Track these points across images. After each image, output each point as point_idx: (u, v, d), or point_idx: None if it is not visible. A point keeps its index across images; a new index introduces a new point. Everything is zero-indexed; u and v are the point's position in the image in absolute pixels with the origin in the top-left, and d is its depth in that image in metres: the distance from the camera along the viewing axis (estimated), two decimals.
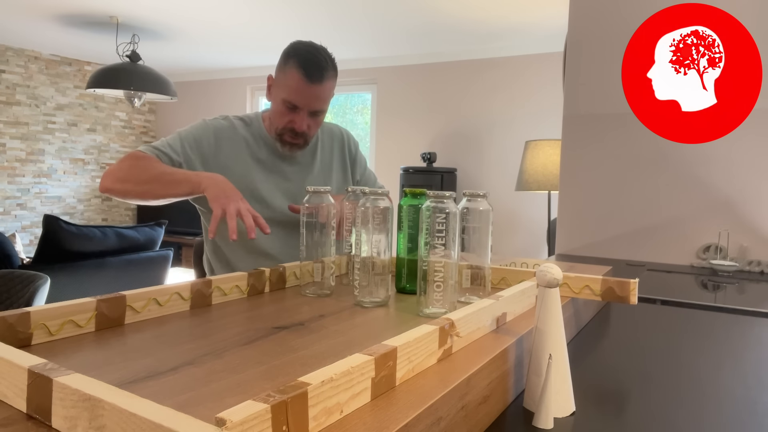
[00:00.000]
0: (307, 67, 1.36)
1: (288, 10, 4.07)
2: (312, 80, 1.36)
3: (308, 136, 1.46)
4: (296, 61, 1.37)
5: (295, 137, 1.44)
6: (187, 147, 1.41)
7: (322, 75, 1.37)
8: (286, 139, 1.44)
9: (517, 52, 4.75)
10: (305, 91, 1.37)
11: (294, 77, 1.37)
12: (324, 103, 1.43)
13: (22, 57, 5.70)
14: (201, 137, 1.44)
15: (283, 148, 1.47)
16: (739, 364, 0.90)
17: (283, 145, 1.46)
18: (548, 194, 3.79)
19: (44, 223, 3.20)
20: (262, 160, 1.48)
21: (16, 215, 5.78)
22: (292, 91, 1.38)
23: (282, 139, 1.45)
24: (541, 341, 0.64)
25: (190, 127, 1.47)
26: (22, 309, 0.66)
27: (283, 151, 1.47)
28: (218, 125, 1.47)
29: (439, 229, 0.81)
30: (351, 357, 0.50)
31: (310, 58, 1.38)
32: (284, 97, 1.39)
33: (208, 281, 0.89)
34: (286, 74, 1.39)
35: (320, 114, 1.45)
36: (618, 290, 0.93)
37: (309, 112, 1.41)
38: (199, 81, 6.60)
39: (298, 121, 1.41)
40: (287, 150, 1.47)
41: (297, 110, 1.40)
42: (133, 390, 0.47)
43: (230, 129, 1.48)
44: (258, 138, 1.50)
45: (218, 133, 1.46)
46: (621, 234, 2.02)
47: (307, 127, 1.42)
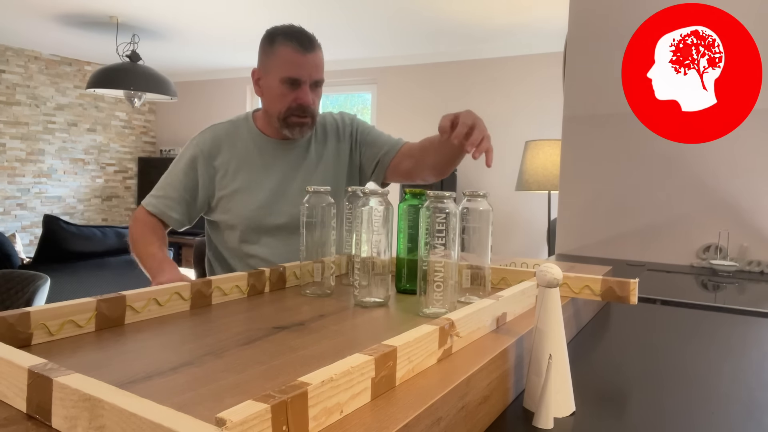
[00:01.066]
0: (297, 38, 1.35)
1: (288, 10, 4.07)
2: (306, 49, 1.35)
3: (315, 113, 1.42)
4: (283, 37, 1.36)
5: (303, 115, 1.39)
6: (182, 190, 1.43)
7: (312, 44, 1.37)
8: (293, 121, 1.40)
9: (517, 52, 4.75)
10: (302, 61, 1.35)
11: (287, 52, 1.35)
12: (321, 72, 1.40)
13: (22, 57, 5.70)
14: (194, 165, 1.44)
15: (292, 132, 1.42)
16: (739, 364, 0.90)
17: (291, 128, 1.41)
18: (548, 194, 3.79)
19: (44, 223, 3.20)
20: (256, 163, 1.46)
21: (16, 215, 5.78)
22: (289, 65, 1.35)
23: (288, 122, 1.40)
24: (541, 341, 0.64)
25: (177, 164, 1.46)
26: (22, 309, 0.66)
27: (292, 134, 1.43)
28: (203, 141, 1.47)
29: (439, 229, 0.81)
30: (351, 357, 0.50)
31: (294, 31, 1.37)
32: (282, 75, 1.36)
33: (208, 281, 0.89)
34: (276, 53, 1.37)
35: (319, 86, 1.41)
36: (618, 290, 0.93)
37: (310, 84, 1.38)
38: (199, 81, 6.60)
39: (302, 96, 1.37)
40: (297, 133, 1.42)
41: (299, 85, 1.37)
42: (133, 390, 0.47)
43: (217, 136, 1.47)
44: (248, 139, 1.47)
45: (213, 144, 1.46)
46: (621, 234, 2.02)
47: (312, 101, 1.39)
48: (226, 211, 1.45)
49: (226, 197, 1.44)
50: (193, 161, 1.45)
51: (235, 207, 1.44)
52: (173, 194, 1.44)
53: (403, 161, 1.50)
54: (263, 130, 1.49)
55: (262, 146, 1.47)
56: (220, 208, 1.46)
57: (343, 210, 1.18)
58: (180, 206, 1.44)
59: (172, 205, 1.43)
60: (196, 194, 1.45)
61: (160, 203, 1.43)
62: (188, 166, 1.45)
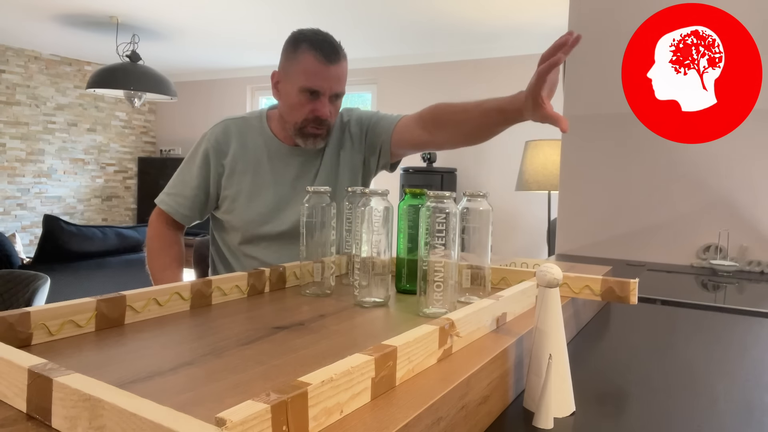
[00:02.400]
0: (322, 48, 1.30)
1: (288, 10, 4.07)
2: (330, 61, 1.30)
3: (330, 125, 1.38)
4: (308, 44, 1.30)
5: (319, 127, 1.35)
6: (197, 188, 1.43)
7: (338, 54, 1.32)
8: (308, 131, 1.36)
9: (517, 52, 4.75)
10: (324, 73, 1.30)
11: (310, 61, 1.30)
12: (343, 85, 1.36)
13: (22, 57, 5.70)
14: (207, 160, 1.43)
15: (306, 142, 1.38)
16: (739, 364, 0.90)
17: (305, 138, 1.37)
18: (548, 194, 3.79)
19: (44, 223, 3.20)
20: (264, 167, 1.43)
21: (16, 215, 5.78)
22: (310, 75, 1.30)
23: (304, 132, 1.36)
24: (541, 341, 0.64)
25: (192, 159, 1.45)
26: (22, 309, 0.66)
27: (306, 144, 1.38)
28: (214, 135, 1.44)
29: (439, 229, 0.81)
30: (351, 357, 0.50)
31: (321, 39, 1.32)
32: (302, 84, 1.31)
33: (208, 281, 0.89)
34: (299, 61, 1.31)
35: (339, 98, 1.37)
36: (618, 290, 0.93)
37: (330, 96, 1.34)
38: (199, 81, 6.60)
39: (320, 108, 1.33)
40: (310, 143, 1.38)
41: (318, 96, 1.32)
42: (133, 390, 0.47)
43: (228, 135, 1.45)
44: (259, 141, 1.43)
45: (224, 140, 1.43)
46: (621, 234, 2.02)
47: (329, 114, 1.35)
48: (228, 211, 1.44)
49: (230, 198, 1.43)
50: (206, 156, 1.42)
51: (238, 209, 1.43)
52: (187, 192, 1.43)
53: (405, 134, 1.42)
54: (276, 133, 1.45)
55: (273, 150, 1.43)
56: (224, 207, 1.45)
57: (343, 210, 1.18)
58: (194, 204, 1.43)
59: (186, 204, 1.43)
60: (209, 191, 1.44)
61: (173, 202, 1.43)
62: (202, 161, 1.42)
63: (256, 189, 1.42)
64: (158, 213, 1.46)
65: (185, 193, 1.43)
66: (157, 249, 1.44)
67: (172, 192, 1.44)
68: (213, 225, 1.53)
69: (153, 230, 1.46)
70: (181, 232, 1.49)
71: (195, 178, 1.43)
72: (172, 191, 1.44)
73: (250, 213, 1.42)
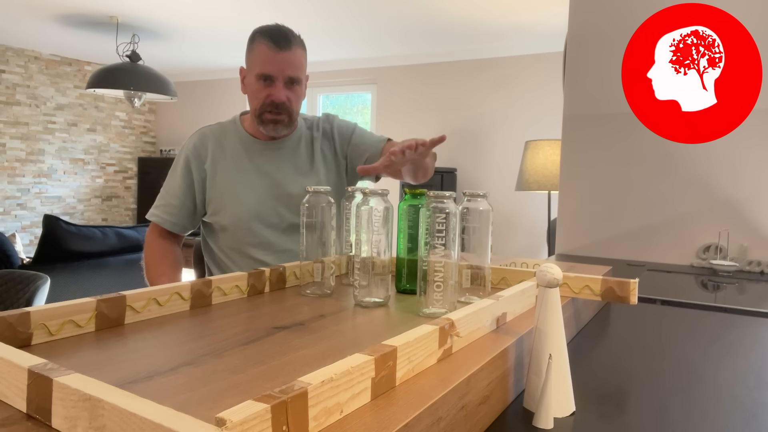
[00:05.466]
0: (273, 37, 1.39)
1: (288, 10, 4.07)
2: (280, 47, 1.38)
3: (291, 111, 1.43)
4: (261, 35, 1.40)
5: (277, 111, 1.42)
6: (182, 196, 1.47)
7: (289, 42, 1.40)
8: (267, 118, 1.42)
9: (517, 52, 4.75)
10: (275, 58, 1.38)
11: (262, 50, 1.39)
12: (297, 71, 1.42)
13: (22, 57, 5.70)
14: (188, 167, 1.47)
15: (267, 128, 1.44)
16: (739, 364, 0.90)
17: (266, 124, 1.43)
18: (548, 194, 3.79)
19: (44, 223, 3.20)
20: (245, 165, 1.47)
21: (16, 215, 5.78)
22: (263, 62, 1.39)
23: (263, 118, 1.43)
24: (541, 341, 0.64)
25: (174, 170, 1.50)
26: (22, 309, 0.66)
27: (267, 131, 1.45)
28: (191, 143, 1.50)
29: (439, 229, 0.81)
30: (351, 357, 0.50)
31: (274, 30, 1.41)
32: (257, 71, 1.40)
33: (208, 281, 0.89)
34: (254, 52, 1.41)
35: (296, 84, 1.43)
36: (618, 290, 0.93)
37: (284, 81, 1.40)
38: (199, 81, 6.60)
39: (275, 93, 1.40)
40: (271, 130, 1.44)
41: (272, 81, 1.40)
42: (133, 390, 0.47)
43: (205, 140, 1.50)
44: (236, 141, 1.49)
45: (201, 146, 1.49)
46: (621, 234, 2.02)
47: (286, 99, 1.41)
48: (216, 212, 1.47)
49: (216, 198, 1.46)
50: (187, 164, 1.48)
51: (226, 207, 1.46)
52: (174, 201, 1.47)
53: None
54: (250, 131, 1.50)
55: (250, 148, 1.49)
56: (211, 209, 1.48)
57: (342, 210, 1.18)
58: (182, 212, 1.48)
59: (174, 212, 1.47)
60: (195, 197, 1.48)
61: (161, 212, 1.48)
62: (184, 170, 1.48)
63: (240, 185, 1.46)
64: (152, 228, 1.52)
65: (172, 202, 1.48)
66: (153, 259, 1.48)
67: (160, 204, 1.50)
68: (204, 232, 1.55)
69: (148, 244, 1.51)
70: (177, 242, 1.53)
71: (180, 186, 1.47)
72: (160, 203, 1.50)
73: (238, 208, 1.44)
